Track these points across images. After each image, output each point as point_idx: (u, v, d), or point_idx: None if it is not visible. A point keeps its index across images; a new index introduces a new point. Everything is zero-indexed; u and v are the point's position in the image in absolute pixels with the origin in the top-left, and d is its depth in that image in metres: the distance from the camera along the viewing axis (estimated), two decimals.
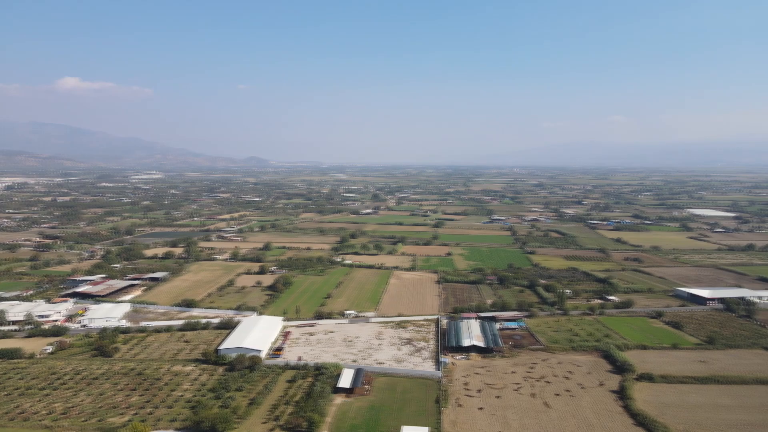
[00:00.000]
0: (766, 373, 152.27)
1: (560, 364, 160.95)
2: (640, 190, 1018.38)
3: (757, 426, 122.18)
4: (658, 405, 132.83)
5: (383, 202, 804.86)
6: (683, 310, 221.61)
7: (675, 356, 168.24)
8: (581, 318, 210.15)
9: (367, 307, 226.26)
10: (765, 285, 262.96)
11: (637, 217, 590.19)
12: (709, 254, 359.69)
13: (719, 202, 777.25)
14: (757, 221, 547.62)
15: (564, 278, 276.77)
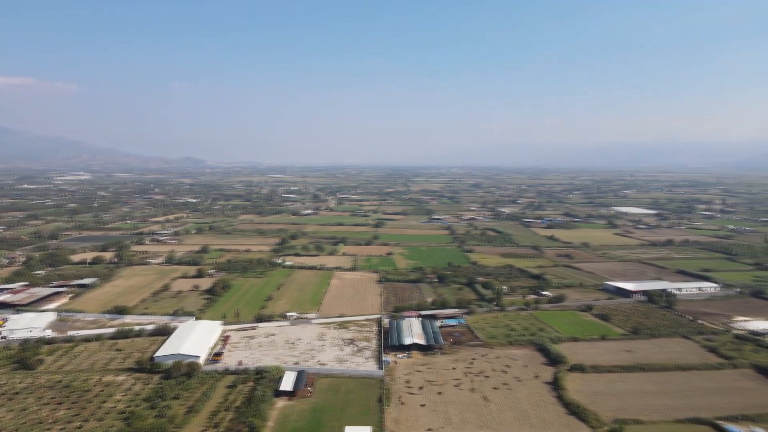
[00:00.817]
0: (685, 360, 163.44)
1: (498, 359, 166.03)
2: (570, 189, 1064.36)
3: (678, 409, 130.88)
4: (588, 394, 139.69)
5: (324, 202, 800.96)
6: (611, 303, 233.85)
7: (604, 347, 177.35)
8: (517, 313, 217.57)
9: (308, 308, 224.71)
10: (683, 277, 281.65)
11: (568, 215, 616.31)
12: (633, 249, 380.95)
13: (642, 200, 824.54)
14: (676, 218, 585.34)
15: (501, 275, 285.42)
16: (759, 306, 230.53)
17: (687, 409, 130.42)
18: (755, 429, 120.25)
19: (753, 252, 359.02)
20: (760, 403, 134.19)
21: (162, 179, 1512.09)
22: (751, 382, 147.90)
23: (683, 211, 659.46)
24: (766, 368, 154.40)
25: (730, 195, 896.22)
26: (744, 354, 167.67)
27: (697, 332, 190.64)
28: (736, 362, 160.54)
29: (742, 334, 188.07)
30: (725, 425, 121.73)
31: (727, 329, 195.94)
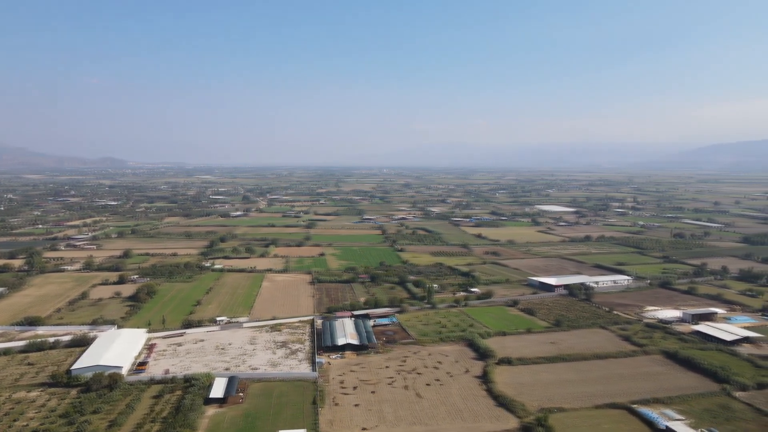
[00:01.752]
0: (602, 349, 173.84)
1: (430, 356, 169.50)
2: (496, 189, 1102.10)
3: (597, 396, 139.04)
4: (515, 385, 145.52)
5: (254, 203, 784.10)
6: (535, 298, 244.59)
7: (529, 340, 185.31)
8: (448, 310, 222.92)
9: (239, 312, 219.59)
10: (600, 271, 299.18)
11: (494, 213, 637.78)
12: (555, 246, 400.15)
13: (562, 198, 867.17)
14: (593, 215, 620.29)
15: (432, 273, 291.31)
16: (667, 296, 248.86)
17: (605, 396, 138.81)
18: (665, 410, 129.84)
19: (661, 246, 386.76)
20: (669, 386, 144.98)
21: (78, 181, 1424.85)
22: (661, 367, 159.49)
23: (599, 208, 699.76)
24: (674, 354, 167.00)
25: (640, 193, 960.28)
26: (654, 341, 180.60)
27: (613, 322, 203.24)
28: (647, 349, 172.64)
29: (652, 323, 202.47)
30: (639, 409, 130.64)
31: (639, 319, 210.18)
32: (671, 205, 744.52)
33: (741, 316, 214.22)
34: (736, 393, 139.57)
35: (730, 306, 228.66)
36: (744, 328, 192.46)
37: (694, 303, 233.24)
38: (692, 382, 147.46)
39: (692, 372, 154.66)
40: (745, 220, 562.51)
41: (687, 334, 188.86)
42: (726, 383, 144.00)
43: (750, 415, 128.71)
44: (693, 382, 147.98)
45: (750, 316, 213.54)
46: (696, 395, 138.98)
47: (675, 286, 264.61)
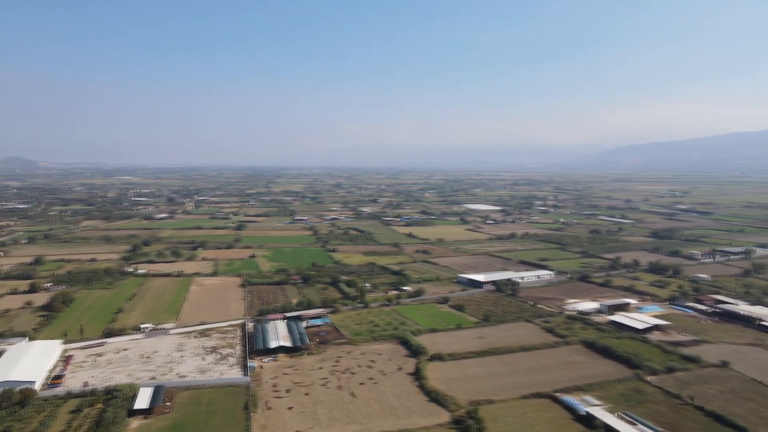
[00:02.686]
0: (528, 341, 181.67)
1: (363, 355, 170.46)
2: (426, 189, 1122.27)
3: (523, 386, 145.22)
4: (447, 380, 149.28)
5: (180, 205, 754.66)
6: (464, 294, 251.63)
7: (459, 335, 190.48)
8: (380, 309, 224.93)
9: (166, 318, 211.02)
10: (525, 267, 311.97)
11: (424, 213, 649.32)
12: (482, 243, 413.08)
13: (489, 197, 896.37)
14: (517, 213, 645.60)
15: (364, 273, 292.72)
16: (585, 289, 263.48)
17: (531, 386, 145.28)
18: (585, 397, 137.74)
19: (580, 242, 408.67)
20: (589, 374, 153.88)
21: None
22: (581, 357, 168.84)
23: (523, 206, 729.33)
24: (592, 343, 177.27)
25: (560, 192, 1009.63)
26: (575, 332, 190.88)
27: (537, 316, 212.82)
28: (568, 340, 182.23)
29: (573, 315, 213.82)
30: (561, 397, 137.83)
31: (561, 311, 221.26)
32: (588, 203, 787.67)
33: (651, 305, 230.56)
34: (647, 377, 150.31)
35: (641, 296, 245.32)
36: (654, 317, 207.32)
37: (610, 295, 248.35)
38: (609, 369, 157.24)
39: (609, 359, 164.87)
40: (654, 216, 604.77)
41: (604, 324, 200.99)
42: (639, 369, 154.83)
43: (660, 397, 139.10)
44: (610, 369, 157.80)
45: (659, 305, 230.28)
46: (612, 381, 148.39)
47: (593, 279, 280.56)
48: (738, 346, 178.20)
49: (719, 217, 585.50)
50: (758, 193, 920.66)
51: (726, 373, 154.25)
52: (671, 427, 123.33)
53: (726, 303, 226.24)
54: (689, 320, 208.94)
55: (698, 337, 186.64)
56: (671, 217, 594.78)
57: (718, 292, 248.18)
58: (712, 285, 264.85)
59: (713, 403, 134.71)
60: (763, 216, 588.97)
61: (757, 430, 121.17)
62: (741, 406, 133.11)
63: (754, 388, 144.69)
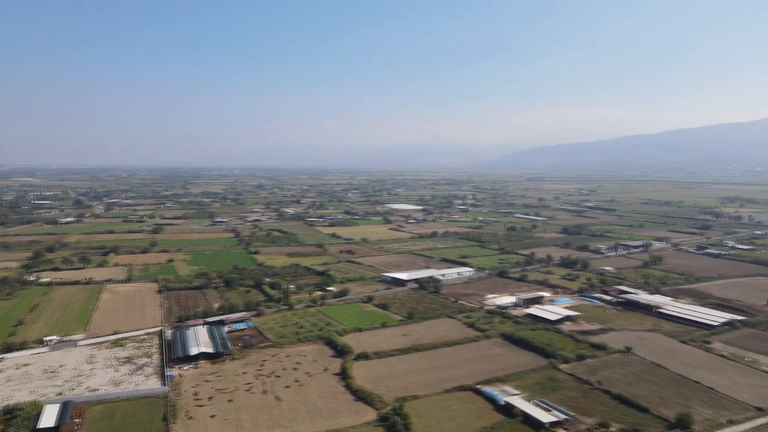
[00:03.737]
0: (450, 337, 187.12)
1: (288, 357, 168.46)
2: (349, 189, 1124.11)
3: (447, 381, 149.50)
4: (373, 379, 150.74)
5: (88, 208, 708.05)
6: (388, 293, 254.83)
7: (384, 334, 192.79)
8: (305, 310, 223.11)
9: (74, 329, 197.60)
10: (446, 264, 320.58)
11: (348, 213, 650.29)
12: (405, 242, 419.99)
13: (411, 197, 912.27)
14: (438, 212, 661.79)
15: (288, 274, 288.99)
16: (503, 284, 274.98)
17: (454, 380, 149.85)
18: (505, 387, 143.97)
19: (497, 239, 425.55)
20: (508, 365, 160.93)
21: None
22: (500, 349, 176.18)
23: (444, 206, 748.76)
24: (510, 336, 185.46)
25: (479, 191, 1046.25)
26: (494, 326, 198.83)
27: (459, 311, 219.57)
28: (488, 333, 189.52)
29: (492, 309, 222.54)
30: (483, 388, 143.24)
31: (481, 306, 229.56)
32: (505, 201, 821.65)
33: (563, 297, 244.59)
34: (561, 366, 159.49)
35: (554, 289, 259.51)
36: (565, 308, 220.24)
37: (526, 289, 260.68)
38: (526, 360, 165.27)
39: (526, 350, 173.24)
40: (564, 214, 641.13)
41: (521, 317, 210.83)
42: (553, 358, 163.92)
43: (572, 383, 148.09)
44: (527, 359, 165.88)
45: (570, 297, 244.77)
46: (529, 371, 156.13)
47: (510, 274, 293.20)
48: (639, 332, 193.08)
49: (621, 214, 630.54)
50: (655, 191, 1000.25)
51: (629, 358, 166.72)
52: (582, 410, 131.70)
53: (628, 293, 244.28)
54: (597, 310, 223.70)
55: (605, 325, 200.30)
56: (580, 214, 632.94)
57: (621, 283, 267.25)
58: (616, 277, 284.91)
59: (618, 386, 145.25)
60: (660, 212, 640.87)
61: (657, 409, 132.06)
62: (642, 388, 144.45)
63: (654, 370, 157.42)
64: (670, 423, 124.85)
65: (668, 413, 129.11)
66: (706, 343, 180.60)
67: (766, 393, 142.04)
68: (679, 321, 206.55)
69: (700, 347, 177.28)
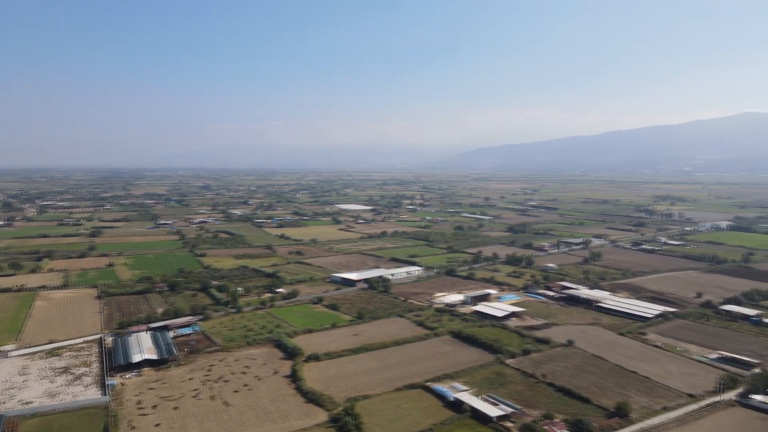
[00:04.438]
0: (400, 336, 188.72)
1: (237, 361, 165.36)
2: (298, 189, 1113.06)
3: (397, 379, 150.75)
4: (324, 380, 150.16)
5: (19, 211, 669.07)
6: (338, 293, 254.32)
7: (335, 334, 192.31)
8: (254, 313, 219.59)
9: (4, 339, 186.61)
10: (396, 264, 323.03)
11: (297, 213, 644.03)
12: (355, 243, 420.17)
13: (360, 197, 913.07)
14: (387, 212, 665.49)
15: (236, 277, 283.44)
16: (451, 282, 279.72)
17: (404, 378, 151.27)
18: (454, 384, 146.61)
19: (445, 238, 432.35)
20: (456, 362, 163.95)
21: None
22: (449, 346, 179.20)
23: (393, 206, 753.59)
24: (459, 333, 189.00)
25: (427, 191, 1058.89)
26: (443, 324, 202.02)
27: (408, 310, 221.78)
28: (437, 331, 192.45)
29: (441, 307, 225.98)
30: (433, 386, 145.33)
31: (430, 305, 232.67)
32: (452, 201, 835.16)
33: (509, 294, 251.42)
34: (507, 361, 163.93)
35: (500, 287, 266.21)
36: (511, 305, 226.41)
37: (474, 287, 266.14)
38: (474, 356, 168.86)
39: (474, 347, 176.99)
40: (509, 213, 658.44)
41: (469, 314, 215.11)
42: (500, 353, 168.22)
43: (518, 378, 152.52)
44: (475, 356, 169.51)
45: (515, 294, 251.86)
46: (477, 367, 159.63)
47: (458, 273, 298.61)
48: (581, 326, 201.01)
49: (563, 212, 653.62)
50: (594, 190, 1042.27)
51: (571, 351, 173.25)
52: (528, 403, 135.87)
53: (570, 288, 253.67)
54: (541, 306, 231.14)
55: (549, 320, 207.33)
56: (524, 213, 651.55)
57: (563, 279, 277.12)
58: (558, 273, 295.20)
59: (562, 378, 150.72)
60: (598, 210, 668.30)
61: (598, 399, 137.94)
62: (584, 379, 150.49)
63: (594, 362, 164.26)
64: (609, 412, 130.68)
65: (608, 403, 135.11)
66: (641, 335, 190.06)
67: (696, 380, 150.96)
68: (617, 314, 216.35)
69: (636, 339, 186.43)
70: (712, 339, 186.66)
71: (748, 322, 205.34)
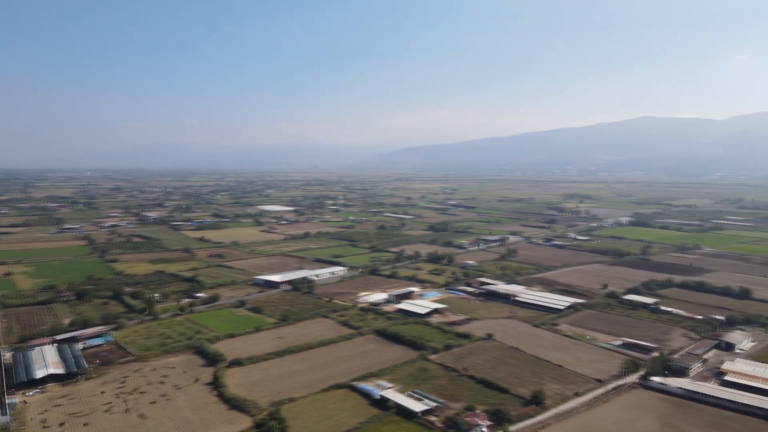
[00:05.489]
0: (325, 336, 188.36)
1: (154, 371, 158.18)
2: (217, 191, 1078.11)
3: (323, 380, 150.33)
4: (247, 385, 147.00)
5: None
6: (261, 296, 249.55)
7: (258, 338, 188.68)
8: (172, 320, 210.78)
9: None
10: (320, 264, 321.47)
11: (217, 215, 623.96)
12: (278, 244, 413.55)
13: (282, 198, 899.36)
14: (310, 213, 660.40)
15: (152, 283, 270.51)
16: (375, 281, 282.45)
17: (330, 378, 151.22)
18: (379, 382, 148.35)
19: (368, 238, 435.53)
20: (382, 360, 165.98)
21: None
22: (374, 345, 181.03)
23: (316, 206, 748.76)
24: (383, 331, 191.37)
25: (350, 191, 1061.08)
26: (368, 322, 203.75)
27: (333, 310, 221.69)
28: (362, 330, 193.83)
29: (365, 307, 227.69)
30: (358, 385, 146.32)
31: (354, 304, 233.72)
32: (375, 201, 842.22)
33: (431, 291, 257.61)
34: (430, 356, 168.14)
35: (423, 284, 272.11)
36: (434, 302, 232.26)
37: (397, 285, 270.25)
38: (399, 354, 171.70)
39: (398, 345, 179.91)
40: (430, 212, 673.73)
41: (393, 312, 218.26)
42: (423, 350, 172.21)
43: (441, 372, 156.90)
44: (399, 353, 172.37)
45: (437, 291, 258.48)
46: (402, 364, 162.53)
47: (381, 271, 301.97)
48: (499, 320, 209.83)
49: (481, 211, 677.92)
50: (509, 189, 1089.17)
51: (490, 344, 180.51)
52: (451, 397, 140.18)
53: (489, 284, 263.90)
54: (462, 302, 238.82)
55: (469, 315, 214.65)
56: (444, 212, 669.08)
57: (482, 275, 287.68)
58: (478, 270, 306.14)
59: (482, 371, 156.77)
60: (513, 208, 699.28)
61: (515, 389, 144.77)
62: (502, 371, 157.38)
63: (512, 353, 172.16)
64: (526, 400, 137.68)
65: (524, 392, 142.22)
66: (554, 326, 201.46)
67: (603, 366, 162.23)
68: (532, 307, 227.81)
69: (549, 329, 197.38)
70: (616, 327, 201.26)
71: (647, 310, 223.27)
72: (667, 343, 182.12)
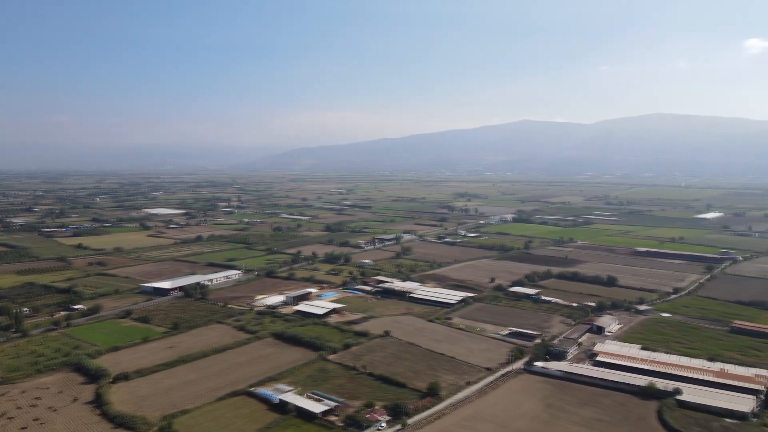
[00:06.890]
0: (220, 343, 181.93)
1: (24, 393, 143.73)
2: (96, 194, 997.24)
3: (219, 388, 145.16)
4: (135, 400, 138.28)
5: None
6: (149, 304, 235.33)
7: (147, 349, 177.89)
8: (45, 335, 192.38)
9: None
10: (213, 269, 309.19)
11: (96, 220, 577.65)
12: (167, 249, 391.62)
13: (171, 200, 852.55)
14: (202, 216, 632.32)
15: (19, 296, 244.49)
16: (272, 284, 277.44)
17: (226, 386, 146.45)
18: (278, 386, 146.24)
19: (264, 240, 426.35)
20: (280, 363, 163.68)
21: None
22: (272, 348, 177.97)
23: (208, 208, 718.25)
24: (281, 334, 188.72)
25: (244, 192, 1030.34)
26: (265, 326, 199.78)
27: (228, 315, 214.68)
28: (259, 334, 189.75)
29: (262, 310, 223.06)
30: (256, 390, 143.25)
31: (251, 308, 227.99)
32: (270, 202, 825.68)
33: (329, 291, 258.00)
34: (329, 356, 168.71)
35: (320, 285, 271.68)
36: (331, 302, 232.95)
37: (294, 286, 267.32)
38: (297, 356, 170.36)
39: (297, 347, 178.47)
40: (326, 212, 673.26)
41: (290, 314, 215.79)
42: (322, 350, 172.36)
43: (340, 372, 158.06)
44: (298, 355, 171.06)
45: (335, 291, 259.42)
46: (301, 366, 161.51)
47: (278, 274, 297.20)
48: (395, 316, 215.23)
49: (376, 210, 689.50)
50: (402, 189, 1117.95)
51: (388, 341, 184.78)
52: (350, 395, 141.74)
53: (385, 282, 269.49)
54: (359, 301, 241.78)
55: (367, 314, 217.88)
56: (340, 212, 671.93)
57: (379, 274, 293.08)
58: (374, 268, 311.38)
59: (380, 367, 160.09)
60: (407, 207, 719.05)
61: (412, 383, 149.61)
62: (400, 366, 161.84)
63: (408, 349, 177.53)
64: (423, 393, 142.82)
65: (421, 385, 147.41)
66: (447, 320, 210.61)
67: (492, 355, 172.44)
68: (426, 303, 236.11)
69: (443, 324, 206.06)
70: (504, 317, 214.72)
71: (530, 300, 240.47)
72: (547, 330, 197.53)
